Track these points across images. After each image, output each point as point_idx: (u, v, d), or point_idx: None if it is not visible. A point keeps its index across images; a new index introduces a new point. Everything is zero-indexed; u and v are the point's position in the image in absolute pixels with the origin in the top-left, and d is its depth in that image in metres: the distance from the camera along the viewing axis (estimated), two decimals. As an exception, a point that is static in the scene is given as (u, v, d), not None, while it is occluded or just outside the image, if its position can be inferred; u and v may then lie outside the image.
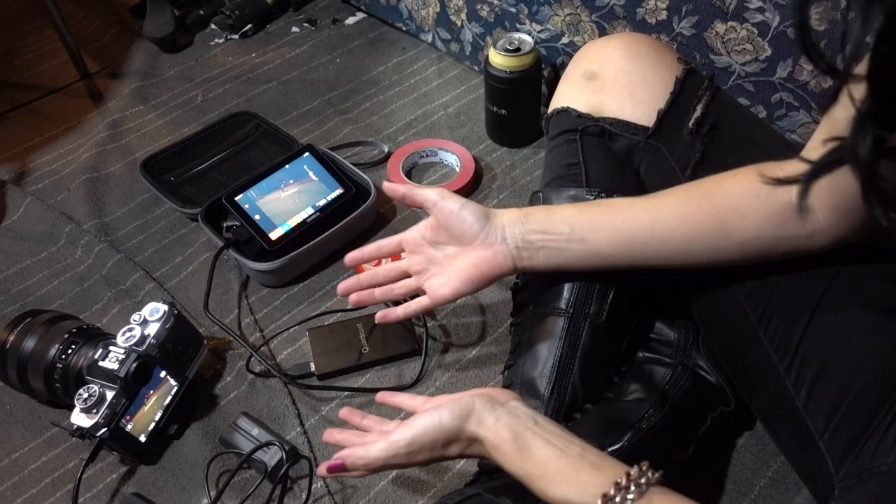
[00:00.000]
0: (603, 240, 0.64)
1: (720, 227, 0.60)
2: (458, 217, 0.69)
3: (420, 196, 0.72)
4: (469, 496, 0.59)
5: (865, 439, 0.58)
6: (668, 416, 0.74)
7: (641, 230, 0.62)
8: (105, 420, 0.79)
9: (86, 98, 1.44)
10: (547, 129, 0.81)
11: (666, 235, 0.62)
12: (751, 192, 0.58)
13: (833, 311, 0.61)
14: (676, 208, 0.61)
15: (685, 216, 0.61)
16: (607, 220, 0.64)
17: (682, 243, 0.61)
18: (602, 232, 0.64)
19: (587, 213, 0.65)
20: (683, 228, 0.61)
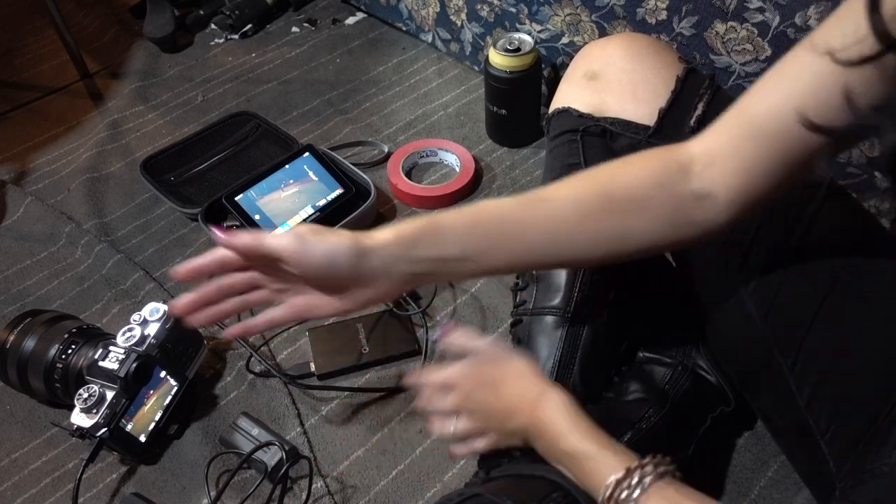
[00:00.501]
0: (498, 256, 0.58)
1: (621, 224, 0.57)
2: (328, 272, 0.56)
3: (270, 248, 0.56)
4: (469, 496, 0.59)
5: (867, 439, 0.58)
6: (668, 416, 0.74)
7: (539, 241, 0.58)
8: (105, 420, 0.79)
9: (86, 98, 1.44)
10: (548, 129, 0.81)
11: (566, 241, 0.58)
12: (652, 182, 0.56)
13: (837, 310, 0.61)
14: (576, 213, 0.57)
15: (584, 219, 0.57)
16: (502, 237, 0.58)
17: (581, 247, 0.58)
18: (497, 249, 0.58)
19: (481, 230, 0.57)
20: (584, 233, 0.57)
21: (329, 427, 0.88)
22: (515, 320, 0.78)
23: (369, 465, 0.84)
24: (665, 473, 0.52)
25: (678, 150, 0.56)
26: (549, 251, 0.58)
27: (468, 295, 1.01)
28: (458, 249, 0.57)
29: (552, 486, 0.59)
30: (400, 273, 0.57)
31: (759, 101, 0.51)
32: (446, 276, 0.59)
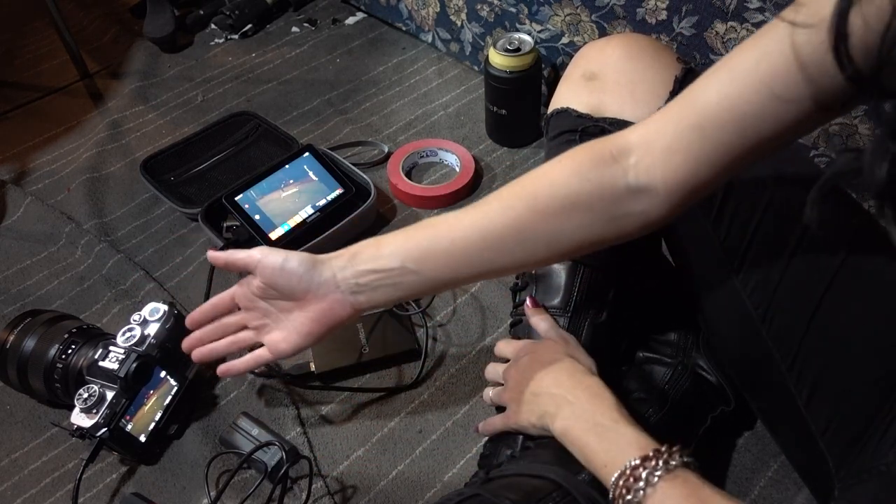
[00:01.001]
0: (436, 266, 0.60)
1: (554, 224, 0.56)
2: (282, 274, 0.65)
3: (241, 261, 0.68)
4: (469, 496, 0.59)
5: (866, 439, 0.58)
6: (668, 416, 0.74)
7: (473, 248, 0.58)
8: (105, 420, 0.79)
9: (86, 98, 1.44)
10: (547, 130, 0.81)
11: (499, 247, 0.58)
12: (580, 177, 0.55)
13: (836, 310, 0.61)
14: (506, 218, 0.57)
15: (515, 224, 0.57)
16: (436, 245, 0.60)
17: (517, 251, 0.58)
18: (433, 259, 0.60)
19: (415, 240, 0.61)
20: (517, 237, 0.58)
21: (329, 427, 0.88)
22: (515, 320, 0.78)
23: (369, 465, 0.84)
24: (689, 465, 0.53)
25: (611, 141, 0.55)
26: (485, 258, 0.59)
27: (468, 295, 1.01)
28: (398, 261, 0.60)
29: (552, 486, 0.59)
30: (347, 284, 0.63)
31: (709, 90, 0.50)
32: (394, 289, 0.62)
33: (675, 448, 0.54)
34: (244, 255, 0.67)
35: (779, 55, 0.45)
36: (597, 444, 0.58)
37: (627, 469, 0.53)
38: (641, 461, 0.53)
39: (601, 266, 0.73)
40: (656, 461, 0.53)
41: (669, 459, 0.53)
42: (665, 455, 0.53)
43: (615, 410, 0.60)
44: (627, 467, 0.53)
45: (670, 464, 0.52)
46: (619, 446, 0.56)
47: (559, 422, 0.62)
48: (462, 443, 0.85)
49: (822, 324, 0.61)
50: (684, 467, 0.53)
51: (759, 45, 0.47)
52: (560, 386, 0.64)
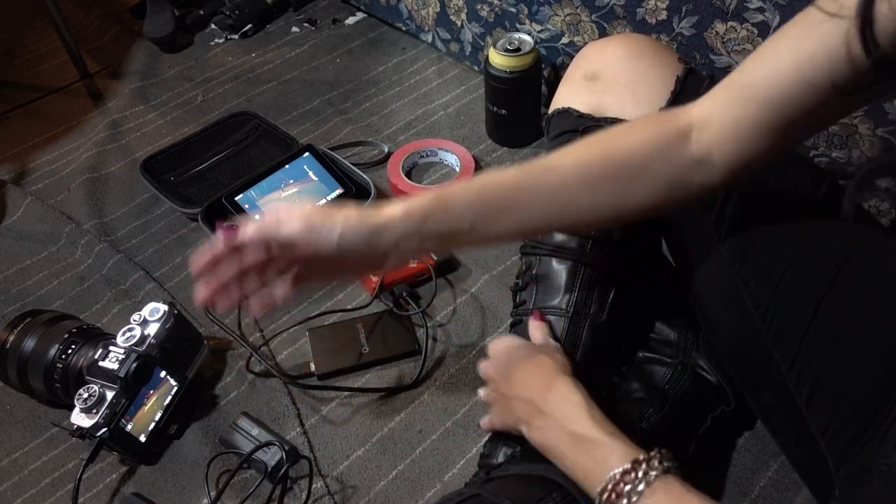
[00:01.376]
0: (504, 225, 0.59)
1: (622, 188, 0.58)
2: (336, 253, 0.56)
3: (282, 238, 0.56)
4: (469, 496, 0.59)
5: (866, 439, 0.58)
6: (668, 416, 0.74)
7: (544, 209, 0.59)
8: (105, 420, 0.79)
9: (86, 98, 1.44)
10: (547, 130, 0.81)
11: (568, 208, 0.59)
12: (652, 146, 0.57)
13: (836, 310, 0.61)
14: (578, 179, 0.58)
15: (587, 185, 0.58)
16: (508, 207, 0.58)
17: (584, 211, 0.59)
18: (503, 219, 0.58)
19: (487, 202, 0.57)
20: (587, 198, 0.58)
21: (329, 427, 0.88)
22: (515, 320, 0.78)
23: (369, 465, 0.84)
24: (670, 469, 0.53)
25: (678, 114, 0.57)
26: (553, 216, 0.59)
27: (468, 295, 1.01)
28: (467, 222, 0.57)
29: (552, 486, 0.59)
30: (410, 248, 0.57)
31: (760, 65, 0.52)
32: (454, 246, 0.63)
33: (654, 453, 0.53)
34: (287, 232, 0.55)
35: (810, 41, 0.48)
36: (574, 457, 0.57)
37: (609, 483, 0.53)
38: (622, 475, 0.52)
39: (601, 266, 0.73)
40: (635, 473, 0.52)
41: (650, 470, 0.52)
42: (644, 465, 0.52)
43: (588, 417, 0.58)
44: (609, 481, 0.53)
45: (650, 474, 0.52)
46: (597, 458, 0.55)
47: (534, 432, 0.61)
48: (462, 443, 0.85)
49: (822, 324, 0.61)
50: (666, 474, 0.52)
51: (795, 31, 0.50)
52: (530, 389, 0.63)
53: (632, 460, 0.53)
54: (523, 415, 0.63)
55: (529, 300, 0.76)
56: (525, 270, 0.77)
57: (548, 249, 0.73)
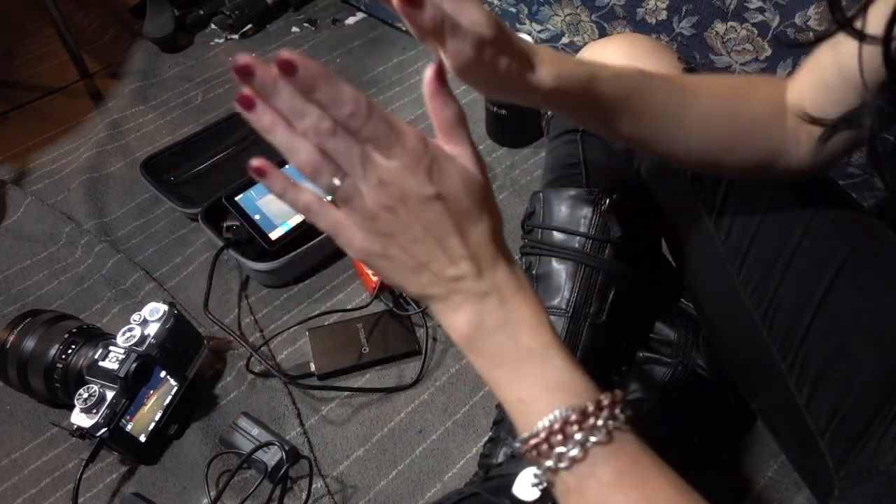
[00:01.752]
0: (627, 113, 0.56)
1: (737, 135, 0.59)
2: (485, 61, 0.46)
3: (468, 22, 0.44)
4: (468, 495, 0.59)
5: (866, 439, 0.58)
6: (668, 416, 0.74)
7: (664, 117, 0.58)
8: (105, 420, 0.79)
9: (86, 98, 1.44)
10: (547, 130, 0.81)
11: (682, 128, 0.58)
12: (773, 108, 0.58)
13: (836, 310, 0.61)
14: (707, 106, 0.58)
15: (711, 117, 0.58)
16: (640, 100, 0.56)
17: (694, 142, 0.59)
18: (631, 107, 0.56)
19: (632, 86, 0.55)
20: (703, 128, 0.58)
21: (329, 427, 0.88)
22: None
23: (369, 465, 0.84)
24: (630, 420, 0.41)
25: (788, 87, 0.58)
26: (664, 138, 0.58)
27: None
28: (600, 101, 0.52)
29: (552, 486, 0.59)
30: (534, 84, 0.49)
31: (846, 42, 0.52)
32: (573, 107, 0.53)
33: (618, 398, 0.41)
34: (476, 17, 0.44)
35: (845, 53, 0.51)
36: (515, 371, 0.42)
37: (556, 420, 0.40)
38: (578, 416, 0.39)
39: (601, 266, 0.73)
40: (595, 419, 0.40)
41: (610, 418, 0.40)
42: (606, 411, 0.40)
43: (548, 330, 0.43)
44: (556, 419, 0.40)
45: (610, 423, 0.40)
46: (547, 384, 0.42)
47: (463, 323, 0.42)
48: (462, 443, 0.85)
49: (822, 324, 0.61)
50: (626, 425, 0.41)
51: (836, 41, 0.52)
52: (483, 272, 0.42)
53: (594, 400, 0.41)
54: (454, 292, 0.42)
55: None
56: (525, 270, 0.77)
57: (548, 249, 0.73)
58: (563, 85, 0.49)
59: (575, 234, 0.72)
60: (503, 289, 0.42)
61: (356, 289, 1.03)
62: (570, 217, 0.73)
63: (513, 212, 1.12)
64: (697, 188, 0.69)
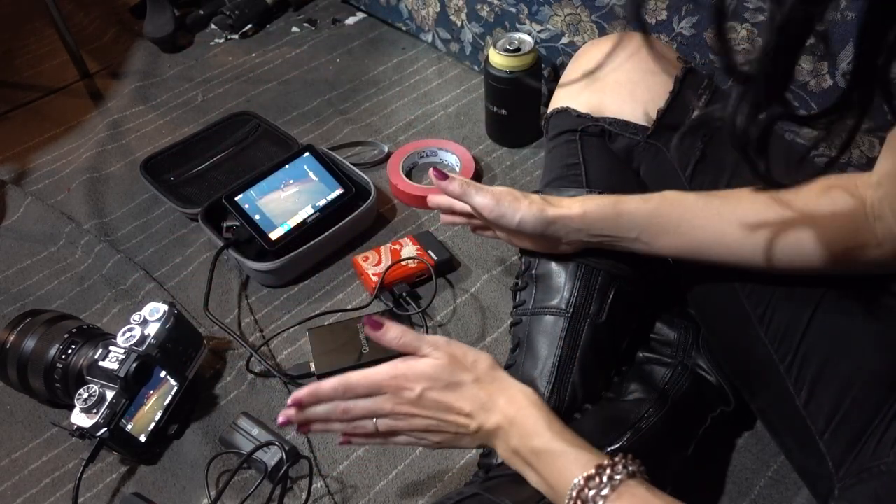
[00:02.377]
0: (668, 244, 0.63)
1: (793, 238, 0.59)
2: (514, 230, 0.69)
3: (474, 204, 0.69)
4: (468, 496, 0.59)
5: (865, 439, 0.58)
6: (668, 416, 0.74)
7: (709, 239, 0.61)
8: (105, 420, 0.79)
9: (86, 98, 1.44)
10: (546, 129, 0.81)
11: (733, 246, 0.61)
12: (829, 199, 0.58)
13: (834, 310, 0.61)
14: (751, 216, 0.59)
15: (757, 227, 0.59)
16: (677, 227, 0.62)
17: (747, 253, 0.60)
18: (669, 238, 0.62)
19: (658, 222, 0.63)
20: (752, 239, 0.60)
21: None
22: (515, 320, 0.78)
23: (369, 465, 0.84)
24: (635, 473, 0.52)
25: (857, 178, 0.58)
26: (713, 252, 0.62)
27: (468, 295, 1.01)
28: (635, 233, 0.63)
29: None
30: (578, 241, 0.68)
31: None
32: (616, 247, 0.66)
33: (619, 459, 0.52)
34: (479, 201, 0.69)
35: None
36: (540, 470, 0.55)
37: (573, 491, 0.51)
38: (586, 480, 0.51)
39: (601, 266, 0.73)
40: (599, 478, 0.51)
41: (614, 474, 0.51)
42: (609, 470, 0.51)
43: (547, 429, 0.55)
44: (573, 489, 0.51)
45: (615, 479, 0.51)
46: (560, 468, 0.53)
47: (502, 453, 0.58)
48: (462, 443, 0.85)
49: (820, 324, 0.61)
50: (631, 478, 0.51)
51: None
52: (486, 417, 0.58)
53: (595, 465, 0.52)
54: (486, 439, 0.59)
55: (529, 300, 0.76)
56: (525, 270, 0.77)
57: (547, 249, 0.74)
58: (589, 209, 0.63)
59: (575, 234, 0.72)
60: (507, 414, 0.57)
61: (356, 289, 1.03)
62: (570, 217, 0.73)
63: (513, 212, 1.12)
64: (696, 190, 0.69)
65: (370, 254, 1.03)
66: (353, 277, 1.05)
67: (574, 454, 0.54)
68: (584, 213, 0.65)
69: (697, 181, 0.69)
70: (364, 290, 1.03)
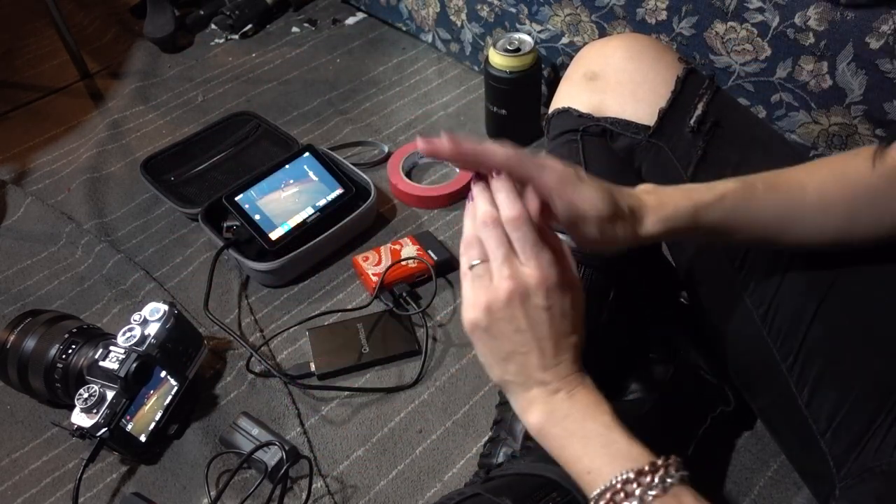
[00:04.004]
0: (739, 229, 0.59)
1: (853, 214, 0.58)
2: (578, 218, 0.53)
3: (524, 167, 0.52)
4: (469, 496, 0.59)
5: (867, 439, 0.58)
6: (668, 416, 0.74)
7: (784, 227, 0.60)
8: (105, 420, 0.79)
9: (86, 98, 1.44)
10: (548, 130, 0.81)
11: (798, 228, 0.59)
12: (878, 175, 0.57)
13: (836, 310, 0.61)
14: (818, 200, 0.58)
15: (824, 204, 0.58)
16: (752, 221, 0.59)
17: (813, 232, 0.59)
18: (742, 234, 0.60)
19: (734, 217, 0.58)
20: (820, 217, 0.59)
21: (329, 427, 0.88)
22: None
23: (369, 465, 0.84)
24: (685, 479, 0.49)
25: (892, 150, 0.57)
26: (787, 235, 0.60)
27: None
28: (709, 227, 0.58)
29: (552, 486, 0.59)
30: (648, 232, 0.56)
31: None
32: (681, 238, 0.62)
33: (672, 461, 0.49)
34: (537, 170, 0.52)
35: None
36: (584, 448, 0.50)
37: (617, 482, 0.47)
38: (636, 475, 0.47)
39: (601, 266, 0.73)
40: (652, 477, 0.47)
41: (666, 476, 0.47)
42: (661, 470, 0.47)
43: (609, 413, 0.51)
44: (618, 480, 0.47)
45: (667, 481, 0.47)
46: (611, 454, 0.49)
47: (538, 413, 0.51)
48: (462, 443, 0.85)
49: (822, 324, 0.61)
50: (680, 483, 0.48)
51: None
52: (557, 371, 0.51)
53: (649, 462, 0.48)
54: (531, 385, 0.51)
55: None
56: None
57: (548, 249, 0.73)
58: (671, 226, 0.56)
59: (575, 234, 0.72)
60: (571, 383, 0.51)
61: (356, 289, 1.03)
62: (570, 217, 0.72)
63: (513, 212, 1.12)
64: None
65: (370, 254, 1.04)
66: (353, 277, 1.05)
67: (628, 445, 0.50)
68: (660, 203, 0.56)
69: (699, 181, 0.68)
70: (364, 290, 1.03)
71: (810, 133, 0.92)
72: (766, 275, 0.63)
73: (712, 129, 0.69)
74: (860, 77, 0.84)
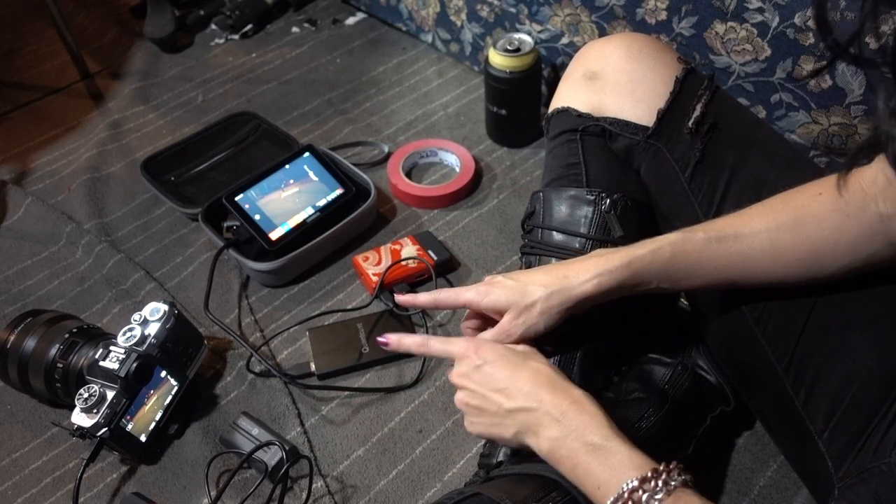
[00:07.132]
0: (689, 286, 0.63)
1: (814, 259, 0.58)
2: None
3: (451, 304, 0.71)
4: (469, 496, 0.59)
5: (865, 439, 0.58)
6: (668, 416, 0.74)
7: (731, 275, 0.61)
8: (105, 420, 0.79)
9: (86, 98, 1.44)
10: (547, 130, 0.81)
11: (756, 273, 0.61)
12: (841, 213, 0.57)
13: (831, 310, 0.61)
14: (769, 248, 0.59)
15: (778, 256, 0.59)
16: (695, 272, 0.61)
17: (772, 276, 0.60)
18: (689, 281, 0.62)
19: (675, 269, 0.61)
20: (776, 269, 0.60)
21: (329, 427, 0.88)
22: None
23: (369, 465, 0.84)
24: (687, 482, 0.51)
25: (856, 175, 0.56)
26: (740, 281, 0.62)
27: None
28: (654, 284, 0.63)
29: (552, 486, 0.59)
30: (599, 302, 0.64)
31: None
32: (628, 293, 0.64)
33: (673, 466, 0.51)
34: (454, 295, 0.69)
35: None
36: (588, 465, 0.54)
37: (625, 492, 0.51)
38: (640, 483, 0.50)
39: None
40: (655, 482, 0.50)
41: (669, 480, 0.50)
42: (664, 475, 0.51)
43: (605, 426, 0.55)
44: (625, 490, 0.51)
45: (670, 484, 0.50)
46: (614, 467, 0.53)
47: (544, 442, 0.57)
48: (462, 443, 0.85)
49: (817, 325, 0.61)
50: (683, 486, 0.51)
51: None
52: (540, 401, 0.58)
53: (651, 469, 0.51)
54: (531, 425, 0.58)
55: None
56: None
57: (548, 249, 0.73)
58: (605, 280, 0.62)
59: (575, 234, 0.72)
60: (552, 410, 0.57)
61: (356, 289, 1.03)
62: (570, 217, 0.73)
63: (513, 212, 1.12)
64: (695, 190, 0.69)
65: (370, 254, 1.04)
66: (353, 277, 1.05)
67: (629, 455, 0.53)
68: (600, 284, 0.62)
69: (697, 182, 0.69)
70: (364, 290, 1.03)
71: (810, 133, 0.92)
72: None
73: (710, 130, 0.70)
74: (860, 77, 0.84)
